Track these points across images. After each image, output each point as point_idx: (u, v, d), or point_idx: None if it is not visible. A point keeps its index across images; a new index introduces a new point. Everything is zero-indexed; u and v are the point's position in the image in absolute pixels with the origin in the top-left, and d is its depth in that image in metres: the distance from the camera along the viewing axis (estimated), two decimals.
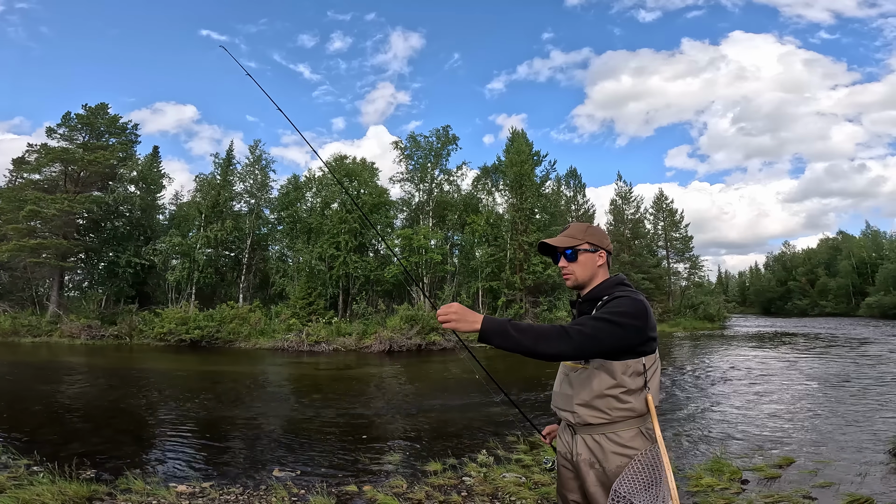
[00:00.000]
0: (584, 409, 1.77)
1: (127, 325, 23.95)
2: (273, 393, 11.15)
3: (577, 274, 1.92)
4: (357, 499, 4.63)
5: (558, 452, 1.98)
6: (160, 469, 5.52)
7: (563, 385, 1.89)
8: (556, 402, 1.94)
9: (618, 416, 1.74)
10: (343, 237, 27.81)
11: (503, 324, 1.56)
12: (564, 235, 1.95)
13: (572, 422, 1.82)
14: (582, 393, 1.79)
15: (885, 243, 57.16)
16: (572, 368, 1.86)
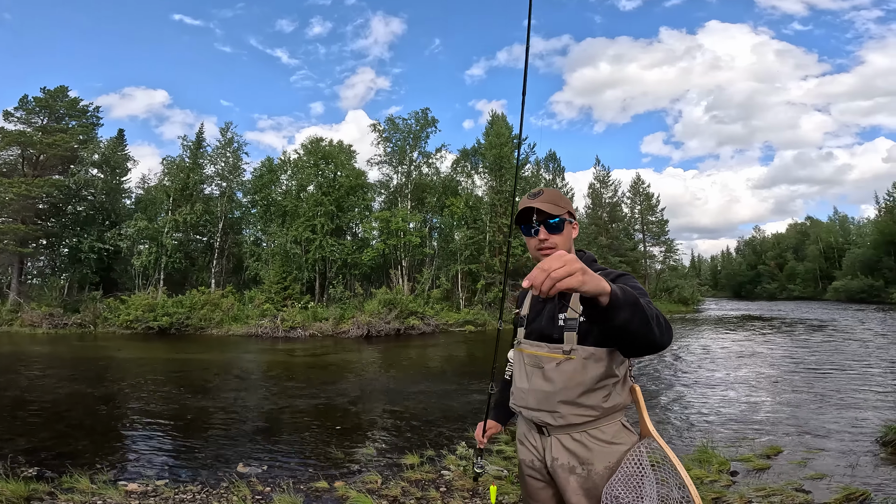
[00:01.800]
0: (570, 407, 1.51)
1: (91, 313, 22.96)
2: (244, 382, 10.68)
3: (560, 247, 1.60)
4: (327, 496, 4.29)
5: (521, 461, 1.69)
6: (113, 466, 5.08)
7: (533, 380, 1.59)
8: (522, 401, 1.63)
9: (606, 411, 1.52)
10: (319, 220, 27.16)
11: (628, 289, 1.15)
12: (547, 202, 1.60)
13: (551, 423, 1.54)
14: (568, 389, 1.51)
15: (852, 228, 58.98)
16: (549, 359, 1.56)
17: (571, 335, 1.53)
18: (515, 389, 1.68)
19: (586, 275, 1.01)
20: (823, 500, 3.60)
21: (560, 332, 1.55)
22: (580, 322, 1.51)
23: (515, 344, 1.74)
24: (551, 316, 1.59)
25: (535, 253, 1.63)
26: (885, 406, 6.57)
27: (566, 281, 0.98)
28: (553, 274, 0.98)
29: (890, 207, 45.51)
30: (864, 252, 46.82)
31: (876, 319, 22.82)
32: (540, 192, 1.62)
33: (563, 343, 1.54)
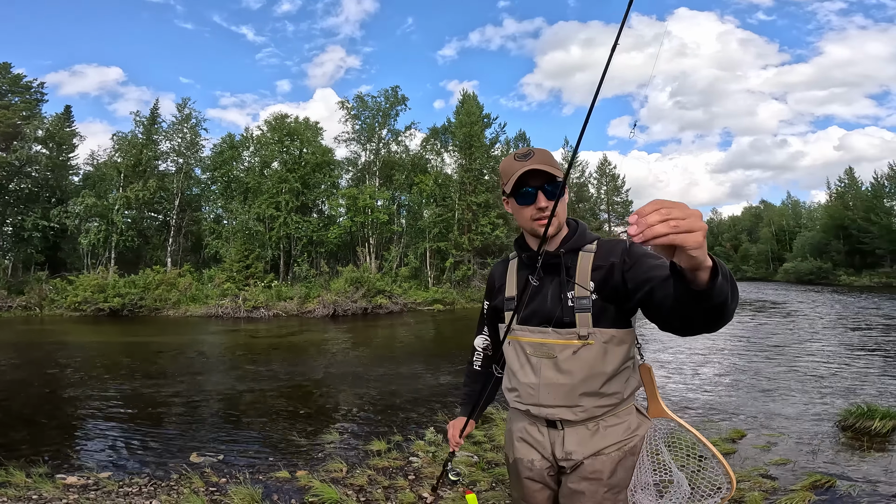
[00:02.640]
0: (594, 399, 1.33)
1: (36, 295, 21.61)
2: (201, 365, 10.18)
3: (561, 217, 1.41)
4: (288, 486, 4.01)
5: (518, 460, 1.47)
6: (54, 458, 4.65)
7: (544, 373, 1.36)
8: (531, 399, 1.40)
9: (626, 394, 1.37)
10: (283, 197, 26.33)
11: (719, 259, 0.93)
12: (543, 163, 1.35)
13: (572, 419, 1.35)
14: (591, 379, 1.32)
15: (803, 212, 61.74)
16: (562, 347, 1.33)
17: (585, 316, 1.32)
18: (519, 385, 1.44)
19: (701, 239, 0.76)
20: (790, 486, 3.57)
21: (571, 314, 1.33)
22: (593, 300, 1.32)
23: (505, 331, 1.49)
24: (557, 295, 1.37)
25: (530, 224, 1.39)
26: (841, 388, 6.73)
27: (687, 237, 0.74)
28: (676, 222, 0.73)
29: (840, 193, 47.70)
30: (814, 235, 49.10)
31: (828, 301, 23.99)
32: (530, 152, 1.38)
33: (576, 326, 1.32)
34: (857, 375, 7.46)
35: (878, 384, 6.86)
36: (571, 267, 1.36)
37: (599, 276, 1.31)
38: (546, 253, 1.38)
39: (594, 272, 1.32)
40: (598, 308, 1.31)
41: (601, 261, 1.34)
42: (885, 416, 4.67)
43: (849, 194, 46.41)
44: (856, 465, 3.98)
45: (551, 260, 1.38)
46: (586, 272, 1.33)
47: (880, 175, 42.76)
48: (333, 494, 3.71)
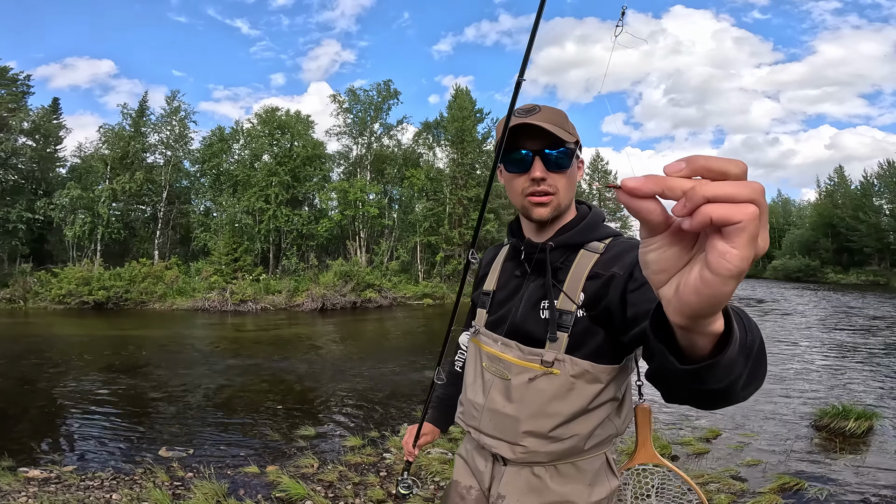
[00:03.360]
0: (540, 442, 1.05)
1: (21, 287, 21.27)
2: (182, 359, 10.07)
3: (563, 195, 1.07)
4: (256, 481, 3.95)
5: (454, 481, 1.26)
6: (21, 451, 4.55)
7: (492, 394, 1.11)
8: (473, 420, 1.16)
9: (591, 444, 1.06)
10: (273, 190, 26.14)
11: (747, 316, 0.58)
12: (548, 121, 1.02)
13: (511, 457, 1.08)
14: (540, 417, 1.04)
15: (793, 210, 62.19)
16: (519, 369, 1.05)
17: (560, 338, 1.02)
18: (465, 400, 1.20)
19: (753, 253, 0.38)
20: (758, 488, 3.54)
21: (544, 330, 1.04)
22: (577, 317, 1.01)
23: (471, 332, 1.23)
24: (533, 301, 1.08)
25: (521, 200, 1.07)
26: (821, 387, 6.74)
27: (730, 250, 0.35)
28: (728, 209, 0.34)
29: (830, 191, 48.06)
30: (803, 233, 49.47)
31: (814, 299, 24.20)
32: (535, 108, 1.04)
33: (544, 347, 1.04)
34: (837, 374, 7.49)
35: (857, 384, 6.89)
36: (563, 268, 1.05)
37: (593, 288, 1.00)
38: (530, 244, 1.10)
39: (589, 280, 1.01)
40: (580, 329, 1.01)
41: (602, 268, 1.01)
42: (860, 416, 4.67)
43: (838, 193, 46.77)
44: (827, 467, 3.97)
45: (535, 254, 1.09)
46: (579, 279, 1.02)
47: (870, 174, 43.16)
48: (301, 490, 3.66)
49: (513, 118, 1.03)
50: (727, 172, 0.36)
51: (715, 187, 0.35)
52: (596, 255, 1.04)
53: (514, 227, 1.20)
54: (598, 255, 1.04)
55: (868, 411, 4.85)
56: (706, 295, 0.38)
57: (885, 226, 39.78)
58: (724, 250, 0.35)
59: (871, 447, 4.41)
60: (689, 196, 0.35)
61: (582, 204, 1.17)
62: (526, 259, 1.12)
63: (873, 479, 3.74)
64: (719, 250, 0.35)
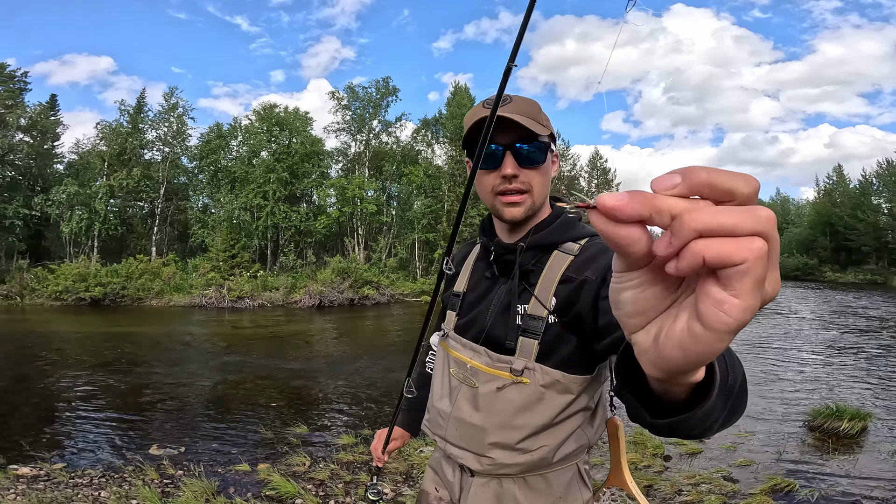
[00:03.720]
0: (508, 453, 1.00)
1: (17, 284, 21.18)
2: (177, 355, 10.05)
3: (537, 193, 1.00)
4: (247, 479, 3.94)
5: (424, 491, 1.21)
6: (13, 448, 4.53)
7: (459, 402, 1.05)
8: (439, 428, 1.11)
9: (561, 455, 1.01)
10: (271, 186, 26.10)
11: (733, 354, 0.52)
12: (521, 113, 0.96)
13: (477, 469, 1.04)
14: (508, 429, 0.99)
15: (792, 209, 62.23)
16: (487, 377, 1.00)
17: (530, 344, 0.96)
18: (431, 407, 1.15)
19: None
20: (749, 490, 3.54)
21: (514, 336, 0.98)
22: (548, 324, 0.96)
23: (440, 335, 1.18)
24: (503, 305, 1.02)
25: (492, 199, 1.01)
26: (816, 388, 6.73)
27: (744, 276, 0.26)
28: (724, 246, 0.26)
29: (829, 190, 48.07)
30: (801, 232, 49.51)
31: (812, 297, 24.22)
32: (506, 98, 0.97)
33: (514, 354, 0.98)
34: (832, 374, 7.49)
35: (852, 384, 6.88)
36: (534, 270, 0.99)
37: (565, 292, 0.94)
38: (500, 245, 1.04)
39: (561, 284, 0.95)
40: (551, 336, 0.95)
41: (575, 271, 0.95)
42: (853, 416, 4.66)
43: (837, 191, 46.78)
44: (818, 468, 3.96)
45: (504, 255, 1.03)
46: (552, 282, 0.96)
47: (869, 173, 43.16)
48: (292, 489, 3.64)
49: (482, 109, 0.96)
50: (734, 192, 0.27)
51: (710, 216, 0.25)
52: (570, 256, 0.98)
53: (486, 224, 1.14)
54: (572, 257, 0.98)
55: (862, 412, 4.84)
56: (694, 352, 0.28)
57: (884, 225, 39.80)
58: (720, 299, 0.26)
59: (864, 448, 4.41)
60: (676, 229, 0.26)
61: (558, 201, 1.12)
62: (496, 260, 1.06)
63: (865, 480, 3.73)
64: (715, 298, 0.26)
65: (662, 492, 3.53)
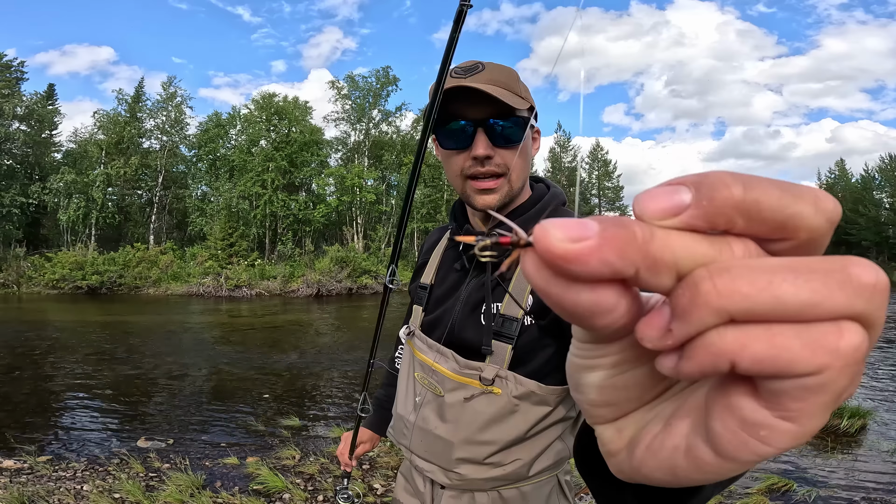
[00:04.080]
0: (477, 468, 0.89)
1: (14, 272, 21.15)
2: (172, 345, 9.98)
3: (515, 176, 0.87)
4: (234, 473, 3.87)
5: (398, 501, 1.11)
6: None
7: (424, 411, 0.95)
8: (404, 438, 1.00)
9: (537, 469, 0.90)
10: (269, 175, 25.98)
11: None
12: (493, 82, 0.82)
13: (445, 483, 0.94)
14: (476, 444, 0.88)
15: None
16: (455, 385, 0.89)
17: (503, 349, 0.85)
18: (396, 415, 1.05)
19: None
20: (746, 489, 3.47)
21: (487, 339, 0.86)
22: (524, 326, 0.85)
23: (406, 334, 1.06)
24: (473, 303, 0.91)
25: (461, 183, 0.89)
26: None
27: (811, 394, 0.15)
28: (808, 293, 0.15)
29: (831, 184, 47.89)
30: None
31: None
32: (477, 66, 0.84)
33: (485, 360, 0.87)
34: None
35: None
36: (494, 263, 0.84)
37: None
38: (470, 233, 0.93)
39: None
40: (527, 340, 0.84)
41: None
42: (853, 414, 4.58)
43: (838, 186, 46.60)
44: (817, 468, 3.89)
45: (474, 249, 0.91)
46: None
47: (871, 167, 42.95)
48: (279, 483, 3.57)
49: (450, 79, 0.81)
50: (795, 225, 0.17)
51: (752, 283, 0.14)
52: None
53: (458, 209, 1.01)
54: None
55: (862, 409, 4.77)
56: (689, 479, 0.18)
57: (885, 219, 39.70)
58: (757, 421, 0.15)
59: (864, 446, 4.34)
60: (682, 303, 0.15)
61: (539, 182, 0.98)
62: (465, 251, 0.94)
63: (863, 479, 3.67)
64: (746, 419, 0.15)
65: None
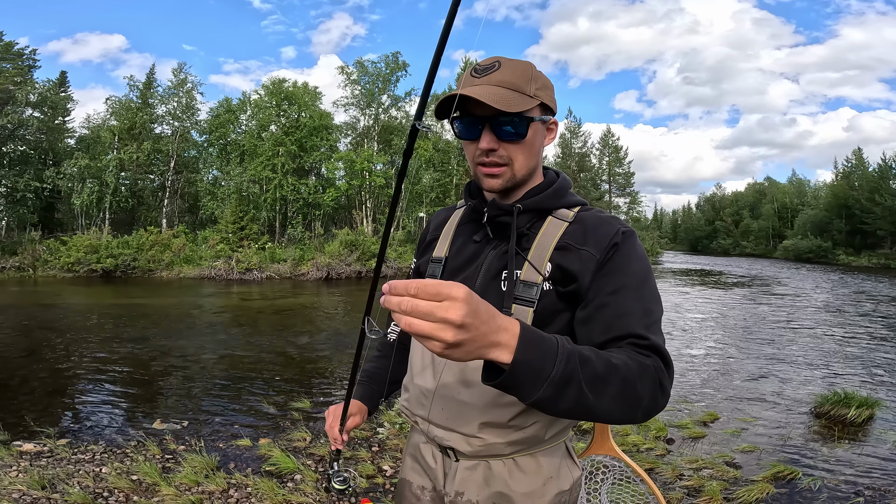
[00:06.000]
0: (498, 432, 0.94)
1: (29, 255, 21.47)
2: (185, 328, 10.16)
3: (518, 166, 0.94)
4: (247, 454, 3.97)
5: (404, 480, 1.13)
6: (18, 424, 4.57)
7: (445, 377, 0.99)
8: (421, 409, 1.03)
9: (553, 432, 0.97)
10: (279, 159, 26.08)
11: (566, 358, 0.64)
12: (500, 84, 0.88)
13: (466, 450, 0.97)
14: (500, 407, 0.93)
15: (808, 191, 61.03)
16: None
17: (524, 312, 0.90)
18: (411, 385, 1.07)
19: (460, 341, 0.56)
20: (752, 476, 3.49)
21: (508, 304, 0.92)
22: (543, 291, 0.91)
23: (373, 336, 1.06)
24: (494, 271, 0.96)
25: (474, 168, 0.97)
26: (824, 373, 6.62)
27: (426, 342, 0.57)
28: (412, 321, 0.55)
29: (847, 173, 47.00)
30: (816, 214, 48.59)
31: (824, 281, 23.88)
32: (494, 64, 0.90)
33: None
34: (841, 360, 7.38)
35: (862, 370, 6.77)
36: (528, 235, 0.95)
37: (562, 262, 0.90)
38: (494, 206, 0.97)
39: (557, 251, 0.91)
40: (546, 305, 0.90)
41: (574, 239, 0.92)
42: (861, 404, 4.58)
43: (855, 174, 45.71)
44: (823, 456, 3.90)
45: (499, 217, 0.97)
46: (546, 247, 0.92)
47: (889, 157, 42.00)
48: (291, 464, 3.66)
49: (466, 78, 0.92)
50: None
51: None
52: (564, 223, 0.95)
53: (474, 188, 1.08)
54: (566, 224, 0.95)
55: (870, 399, 4.76)
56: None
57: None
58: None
59: (870, 436, 4.34)
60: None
61: (552, 170, 1.06)
62: (489, 222, 0.99)
63: (869, 468, 3.68)
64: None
65: (664, 476, 3.51)
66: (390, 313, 0.56)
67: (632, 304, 0.84)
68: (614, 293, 0.85)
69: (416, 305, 0.54)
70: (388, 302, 0.56)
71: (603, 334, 0.82)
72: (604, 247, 0.88)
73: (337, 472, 1.22)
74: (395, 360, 1.20)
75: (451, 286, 0.55)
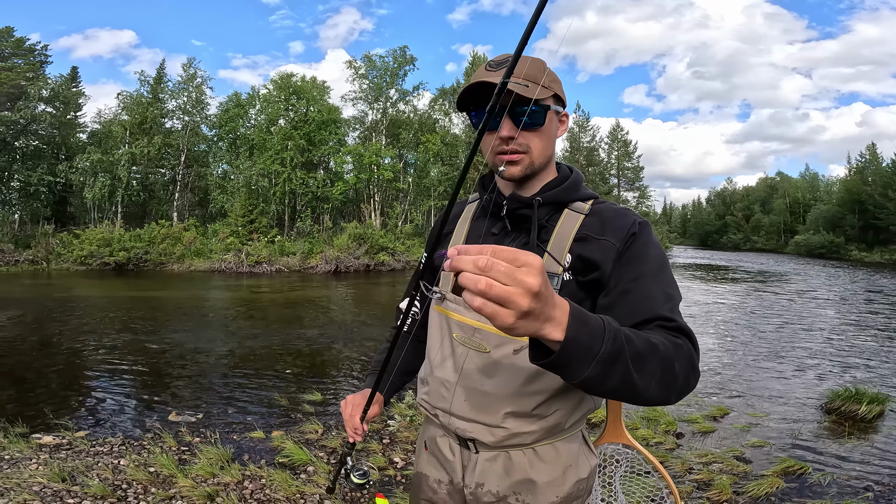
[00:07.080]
0: (522, 422, 0.96)
1: (43, 249, 21.79)
2: (197, 321, 10.28)
3: (536, 154, 0.97)
4: (261, 446, 4.04)
5: (420, 474, 1.14)
6: (36, 416, 4.66)
7: (467, 369, 0.99)
8: (442, 401, 1.04)
9: (573, 420, 1.00)
10: (288, 153, 26.20)
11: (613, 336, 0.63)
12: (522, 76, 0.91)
13: (490, 441, 0.99)
14: (524, 396, 0.95)
15: (820, 186, 60.18)
16: (501, 341, 0.94)
17: None
18: (431, 378, 1.06)
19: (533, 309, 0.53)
20: (762, 471, 3.50)
21: None
22: (563, 281, 0.94)
23: (435, 298, 1.07)
24: None
25: (492, 157, 0.99)
26: (835, 369, 6.58)
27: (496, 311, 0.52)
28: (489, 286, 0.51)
29: (860, 168, 46.31)
30: (829, 209, 47.97)
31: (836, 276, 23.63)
32: (508, 59, 0.93)
33: None
34: (853, 356, 7.33)
35: (873, 366, 6.73)
36: (547, 227, 0.98)
37: (582, 252, 0.93)
38: (514, 199, 1.00)
39: (576, 242, 0.94)
40: (567, 294, 0.92)
41: (592, 230, 0.95)
42: (872, 400, 4.56)
43: (868, 170, 45.00)
44: (833, 452, 3.90)
45: (519, 209, 0.99)
46: (565, 239, 0.95)
47: None
48: (304, 456, 3.73)
49: (482, 73, 0.95)
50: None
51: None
52: (581, 215, 0.98)
53: (489, 181, 1.09)
54: (583, 216, 0.98)
55: (881, 395, 4.74)
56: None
57: None
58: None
59: (881, 432, 4.33)
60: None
61: (565, 166, 1.08)
62: (508, 214, 1.02)
63: (879, 465, 3.68)
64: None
65: (673, 469, 3.53)
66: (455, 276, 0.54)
67: (653, 289, 0.87)
68: (636, 279, 0.88)
69: (495, 264, 0.51)
70: (461, 262, 0.52)
71: (629, 318, 0.83)
72: (623, 236, 0.92)
73: (355, 465, 1.20)
74: (409, 352, 1.20)
75: (527, 253, 0.53)
